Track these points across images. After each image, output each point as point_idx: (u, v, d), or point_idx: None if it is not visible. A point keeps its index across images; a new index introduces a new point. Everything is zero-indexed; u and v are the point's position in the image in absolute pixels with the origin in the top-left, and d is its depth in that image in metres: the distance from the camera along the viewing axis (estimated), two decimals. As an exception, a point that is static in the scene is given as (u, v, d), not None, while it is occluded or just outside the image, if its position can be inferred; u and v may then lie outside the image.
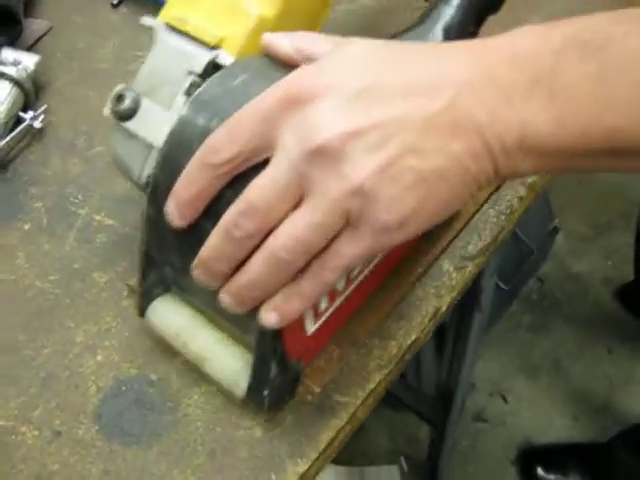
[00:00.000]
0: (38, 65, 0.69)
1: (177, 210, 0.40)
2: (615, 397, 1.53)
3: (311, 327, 0.48)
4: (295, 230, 0.37)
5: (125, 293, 0.57)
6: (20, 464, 0.50)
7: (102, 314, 0.56)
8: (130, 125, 0.50)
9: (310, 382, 0.51)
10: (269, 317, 0.39)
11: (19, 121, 0.67)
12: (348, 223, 0.37)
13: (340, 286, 0.48)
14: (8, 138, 0.65)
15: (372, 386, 0.52)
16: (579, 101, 0.35)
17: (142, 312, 0.51)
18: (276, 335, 0.44)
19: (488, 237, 0.59)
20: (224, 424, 0.51)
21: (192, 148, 0.39)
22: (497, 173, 0.37)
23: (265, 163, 0.37)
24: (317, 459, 0.49)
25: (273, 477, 0.48)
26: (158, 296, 0.51)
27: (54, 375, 0.53)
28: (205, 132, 0.39)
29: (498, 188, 0.61)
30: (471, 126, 0.35)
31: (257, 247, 0.38)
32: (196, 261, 0.40)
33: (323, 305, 0.48)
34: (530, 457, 1.44)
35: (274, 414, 0.50)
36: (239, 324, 0.48)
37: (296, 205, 0.37)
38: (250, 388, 0.47)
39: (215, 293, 0.41)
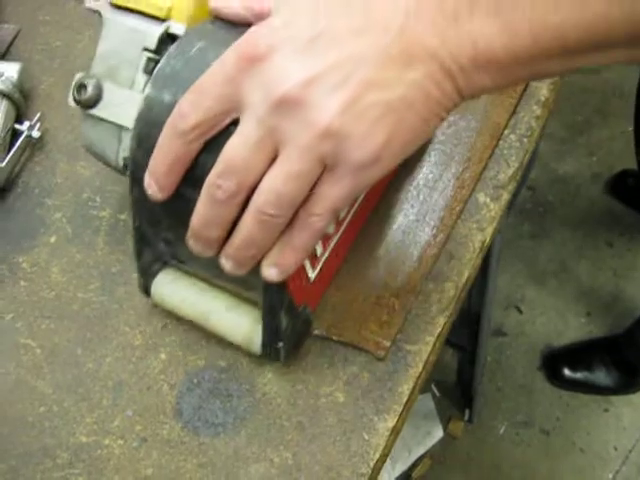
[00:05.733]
0: (21, 72, 0.67)
1: (156, 184, 0.41)
2: (622, 287, 1.57)
3: (312, 274, 0.49)
4: (275, 184, 0.38)
5: (171, 287, 0.56)
6: (114, 475, 0.50)
7: (154, 312, 0.55)
8: (97, 112, 0.50)
9: (380, 338, 0.52)
10: (270, 273, 0.41)
11: (15, 134, 0.65)
12: (326, 168, 0.37)
13: (331, 229, 0.50)
14: (10, 154, 0.63)
15: (438, 330, 0.52)
16: (523, 7, 0.36)
17: (146, 291, 0.52)
18: (281, 287, 0.45)
19: (515, 162, 0.59)
20: (304, 396, 0.51)
21: (163, 124, 0.40)
22: (460, 93, 0.38)
23: (236, 124, 0.38)
24: (403, 411, 0.50)
25: (366, 437, 0.49)
26: (157, 272, 0.51)
27: (123, 382, 0.53)
28: (172, 107, 0.40)
29: (514, 112, 0.61)
30: (423, 52, 0.36)
31: (244, 207, 0.39)
32: (189, 232, 0.41)
33: (319, 251, 0.49)
34: (555, 360, 1.48)
35: (352, 377, 0.51)
36: (242, 283, 0.49)
37: (272, 160, 0.38)
38: (264, 343, 0.49)
39: (213, 259, 0.42)
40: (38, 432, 0.52)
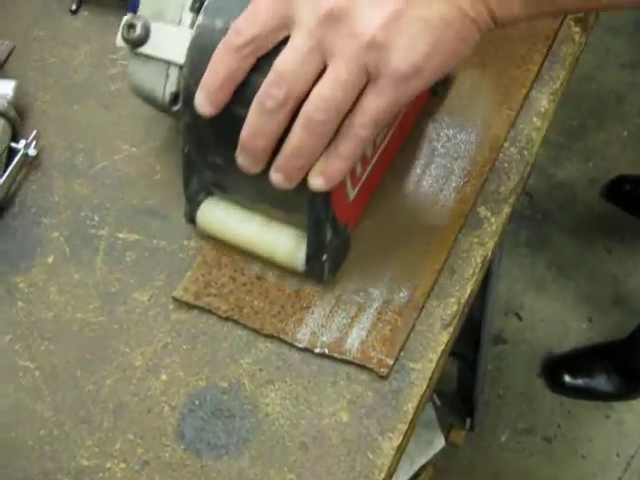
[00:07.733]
0: (16, 90, 0.66)
1: (208, 98, 0.44)
2: (622, 292, 1.56)
3: (352, 193, 0.52)
4: (324, 90, 0.41)
5: (171, 306, 0.56)
6: (116, 499, 0.49)
7: (154, 332, 0.55)
8: (145, 50, 0.52)
9: (382, 355, 0.51)
10: (317, 181, 0.44)
11: (11, 152, 0.64)
12: (370, 79, 0.41)
13: (369, 151, 0.52)
14: (7, 172, 0.62)
15: (442, 347, 0.52)
16: None
17: (191, 219, 0.56)
18: (326, 200, 0.48)
19: (516, 175, 0.59)
20: (307, 416, 0.50)
21: (214, 51, 0.43)
22: (494, 18, 0.42)
23: (285, 43, 0.42)
24: (407, 430, 0.49)
25: (371, 457, 0.49)
26: (202, 202, 0.55)
27: (123, 404, 0.52)
28: (224, 33, 0.43)
29: (514, 124, 0.60)
30: None
31: (292, 121, 0.42)
32: (239, 146, 0.44)
33: (358, 171, 0.52)
34: (555, 367, 1.47)
35: (356, 396, 0.50)
36: (284, 206, 0.51)
37: (320, 73, 0.41)
38: (309, 257, 0.51)
39: (256, 182, 0.46)
40: (38, 456, 0.51)
